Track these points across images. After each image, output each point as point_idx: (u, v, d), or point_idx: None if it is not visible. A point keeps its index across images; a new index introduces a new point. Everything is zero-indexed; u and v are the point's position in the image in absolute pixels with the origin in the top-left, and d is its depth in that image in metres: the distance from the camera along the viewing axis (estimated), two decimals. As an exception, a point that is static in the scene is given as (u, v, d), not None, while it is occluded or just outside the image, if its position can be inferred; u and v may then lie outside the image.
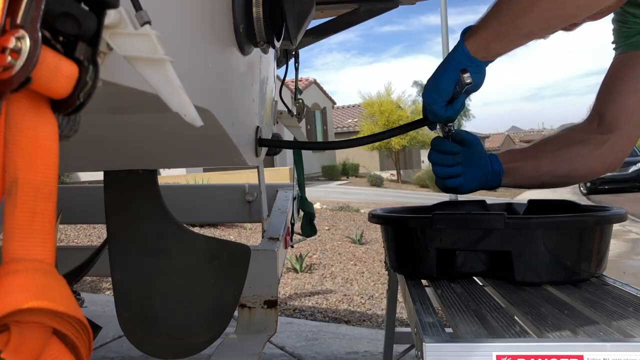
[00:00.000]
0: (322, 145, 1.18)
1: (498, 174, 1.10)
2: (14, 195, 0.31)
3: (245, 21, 0.85)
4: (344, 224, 6.39)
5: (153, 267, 1.11)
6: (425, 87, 1.00)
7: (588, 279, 0.94)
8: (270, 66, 1.34)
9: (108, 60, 0.40)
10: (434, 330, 0.65)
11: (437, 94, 0.97)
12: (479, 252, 0.93)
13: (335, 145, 1.20)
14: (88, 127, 0.61)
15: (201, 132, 0.58)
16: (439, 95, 0.97)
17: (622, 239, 5.96)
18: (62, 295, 0.32)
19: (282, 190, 1.74)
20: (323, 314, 3.03)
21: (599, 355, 0.56)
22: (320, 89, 20.64)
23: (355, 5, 1.88)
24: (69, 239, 4.87)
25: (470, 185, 1.08)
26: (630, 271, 4.34)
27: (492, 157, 1.12)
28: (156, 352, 1.11)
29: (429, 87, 0.99)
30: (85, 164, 1.21)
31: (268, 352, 2.07)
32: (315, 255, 4.69)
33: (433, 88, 0.98)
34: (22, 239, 0.32)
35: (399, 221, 1.05)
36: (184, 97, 0.39)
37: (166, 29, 0.52)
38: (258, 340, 1.15)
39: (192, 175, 8.77)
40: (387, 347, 1.48)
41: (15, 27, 0.31)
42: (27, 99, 0.32)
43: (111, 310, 1.16)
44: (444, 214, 0.93)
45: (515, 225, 0.90)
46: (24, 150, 0.32)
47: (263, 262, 1.21)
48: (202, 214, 1.81)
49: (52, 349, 0.32)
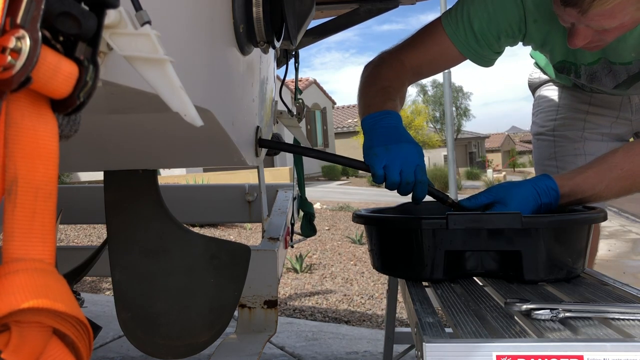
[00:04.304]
0: (318, 155, 1.17)
1: (551, 190, 1.04)
2: (14, 195, 0.31)
3: (245, 21, 0.85)
4: (344, 224, 6.39)
5: (153, 267, 1.11)
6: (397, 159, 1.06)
7: (579, 275, 0.97)
8: (270, 66, 1.34)
9: (108, 60, 0.40)
10: (434, 330, 0.65)
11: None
12: (489, 252, 0.94)
13: (332, 158, 1.18)
14: (88, 127, 0.61)
15: (201, 132, 0.58)
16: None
17: (622, 239, 5.96)
18: (62, 295, 0.32)
19: (282, 191, 1.74)
20: (323, 314, 3.03)
21: (599, 355, 0.56)
22: (320, 89, 20.64)
23: (355, 5, 1.88)
24: (69, 239, 4.87)
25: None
26: (630, 271, 4.34)
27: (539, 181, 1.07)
28: (156, 352, 1.11)
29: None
30: (85, 164, 1.21)
31: (268, 352, 2.07)
32: (315, 255, 4.69)
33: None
34: (22, 239, 0.32)
35: (400, 223, 1.04)
36: (184, 97, 0.39)
37: (166, 29, 0.52)
38: (258, 340, 1.15)
39: (192, 175, 8.77)
40: (387, 347, 1.48)
41: (15, 27, 0.31)
42: (27, 98, 0.32)
43: (111, 310, 1.16)
44: (459, 215, 0.93)
45: (528, 224, 0.91)
46: (24, 150, 0.32)
47: (263, 262, 1.21)
48: (202, 214, 1.81)
49: (52, 348, 0.32)
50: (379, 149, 1.06)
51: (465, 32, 1.18)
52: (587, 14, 0.95)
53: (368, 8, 1.88)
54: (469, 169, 24.28)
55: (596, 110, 1.47)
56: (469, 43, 1.19)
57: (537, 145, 1.59)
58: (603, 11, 0.94)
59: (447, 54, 1.22)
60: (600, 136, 1.47)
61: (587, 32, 1.02)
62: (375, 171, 1.05)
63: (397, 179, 1.04)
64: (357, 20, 1.91)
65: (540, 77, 1.61)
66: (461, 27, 1.18)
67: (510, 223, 0.90)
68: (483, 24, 1.16)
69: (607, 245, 5.44)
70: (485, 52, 1.21)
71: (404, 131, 1.09)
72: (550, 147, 1.51)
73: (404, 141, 1.07)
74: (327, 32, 1.96)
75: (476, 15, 1.16)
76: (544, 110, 1.57)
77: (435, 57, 1.24)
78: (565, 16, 1.01)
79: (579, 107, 1.49)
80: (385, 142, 1.06)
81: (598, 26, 0.99)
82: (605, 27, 0.98)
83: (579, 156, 1.44)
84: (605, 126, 1.47)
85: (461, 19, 1.18)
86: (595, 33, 1.01)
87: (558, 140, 1.50)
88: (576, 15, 0.97)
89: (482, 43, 1.19)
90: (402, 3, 1.89)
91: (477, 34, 1.17)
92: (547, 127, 1.54)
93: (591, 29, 1.00)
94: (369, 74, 1.23)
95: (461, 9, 1.18)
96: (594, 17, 0.96)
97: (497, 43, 1.20)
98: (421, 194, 1.07)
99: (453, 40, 1.19)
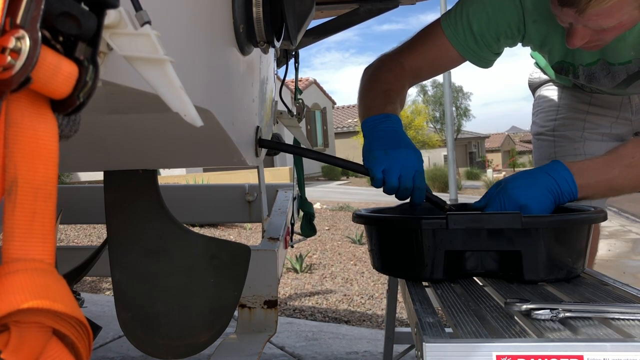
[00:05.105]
0: (319, 157, 1.17)
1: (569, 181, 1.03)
2: (14, 195, 0.31)
3: (245, 21, 0.85)
4: (344, 224, 6.39)
5: (153, 267, 1.11)
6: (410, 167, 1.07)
7: (579, 275, 0.97)
8: (270, 66, 1.34)
9: (108, 60, 0.40)
10: (434, 330, 0.65)
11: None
12: (489, 252, 0.94)
13: (332, 160, 1.18)
14: (88, 127, 0.61)
15: (201, 132, 0.58)
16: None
17: (622, 239, 5.96)
18: (62, 295, 0.32)
19: (282, 190, 1.74)
20: (323, 314, 3.03)
21: (599, 355, 0.56)
22: (320, 89, 20.64)
23: (355, 5, 1.88)
24: (69, 239, 4.87)
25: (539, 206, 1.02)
26: (630, 271, 4.34)
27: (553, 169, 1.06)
28: (156, 352, 1.11)
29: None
30: (85, 164, 1.21)
31: (268, 352, 2.07)
32: (315, 255, 4.69)
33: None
34: (22, 239, 0.32)
35: (400, 223, 1.04)
36: (184, 97, 0.39)
37: (166, 29, 0.52)
38: (258, 340, 1.15)
39: (192, 175, 8.77)
40: (387, 347, 1.48)
41: (15, 27, 0.31)
42: (27, 99, 0.32)
43: (111, 310, 1.16)
44: (459, 215, 0.93)
45: (527, 224, 0.91)
46: (24, 150, 0.32)
47: (263, 262, 1.21)
48: (202, 214, 1.81)
49: (52, 349, 0.32)
50: (378, 153, 1.06)
51: (465, 33, 1.18)
52: (585, 14, 0.95)
53: (368, 8, 1.88)
54: (469, 169, 24.28)
55: (596, 111, 1.47)
56: (468, 45, 1.19)
57: (537, 145, 1.59)
58: (601, 11, 0.94)
59: (447, 55, 1.22)
60: (600, 136, 1.47)
61: (585, 31, 1.02)
62: (374, 174, 1.05)
63: (395, 184, 1.04)
64: (357, 20, 1.91)
65: (540, 77, 1.61)
66: (460, 28, 1.18)
67: (510, 223, 0.90)
68: (482, 26, 1.16)
69: (607, 245, 5.44)
70: (485, 53, 1.21)
71: (404, 135, 1.09)
72: (550, 147, 1.52)
73: (404, 146, 1.07)
74: (327, 32, 1.96)
75: (475, 16, 1.16)
76: (544, 110, 1.57)
77: (434, 59, 1.25)
78: (563, 16, 1.01)
79: (579, 107, 1.49)
80: (385, 146, 1.06)
81: (596, 26, 0.98)
82: (604, 26, 0.98)
83: (579, 156, 1.44)
84: (605, 126, 1.47)
85: (460, 20, 1.18)
86: (593, 32, 1.01)
87: (558, 140, 1.50)
88: (574, 15, 0.97)
89: (482, 44, 1.19)
90: (402, 3, 1.89)
91: (476, 35, 1.17)
92: (547, 127, 1.54)
93: (589, 28, 1.00)
94: (368, 77, 1.24)
95: (460, 11, 1.18)
96: (592, 16, 0.96)
97: (497, 44, 1.20)
98: (419, 199, 1.08)
99: (452, 42, 1.19)
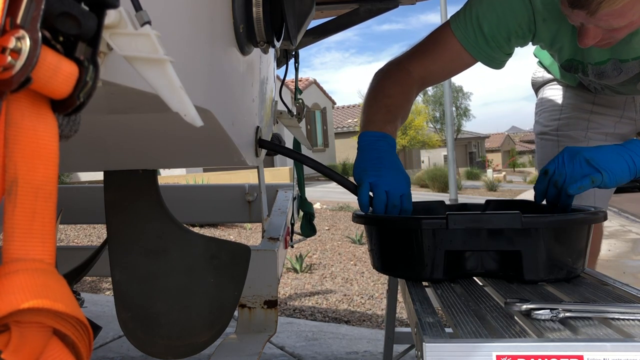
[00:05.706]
0: (316, 166, 1.19)
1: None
2: (14, 195, 0.31)
3: (245, 21, 0.85)
4: (344, 224, 6.39)
5: (153, 267, 1.11)
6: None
7: (579, 275, 0.97)
8: (270, 66, 1.34)
9: (108, 60, 0.40)
10: (434, 330, 0.65)
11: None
12: (489, 252, 0.94)
13: (328, 172, 1.20)
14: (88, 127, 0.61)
15: (201, 132, 0.58)
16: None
17: (622, 239, 5.96)
18: (62, 295, 0.32)
19: (282, 190, 1.74)
20: (323, 314, 3.03)
21: (599, 355, 0.56)
22: (320, 89, 20.64)
23: (355, 5, 1.88)
24: (69, 239, 4.87)
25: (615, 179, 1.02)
26: (630, 271, 4.34)
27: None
28: (156, 352, 1.11)
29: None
30: (85, 164, 1.21)
31: (268, 352, 2.07)
32: (315, 255, 4.69)
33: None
34: (22, 239, 0.32)
35: (400, 223, 1.04)
36: (184, 97, 0.39)
37: (166, 29, 0.52)
38: (258, 340, 1.15)
39: (192, 175, 8.77)
40: (387, 347, 1.48)
41: (15, 27, 0.31)
42: (27, 99, 0.32)
43: (111, 310, 1.16)
44: (459, 215, 0.93)
45: (527, 224, 0.91)
46: (24, 150, 0.32)
47: (263, 262, 1.21)
48: (202, 214, 1.81)
49: (52, 349, 0.32)
50: (370, 173, 1.08)
51: (476, 34, 1.17)
52: (596, 15, 0.95)
53: (368, 8, 1.88)
54: (469, 169, 24.28)
55: (600, 110, 1.47)
56: (479, 46, 1.18)
57: (540, 144, 1.59)
58: (612, 11, 0.94)
59: (458, 58, 1.21)
60: (603, 136, 1.47)
61: (596, 31, 1.02)
62: (362, 189, 1.08)
63: (382, 206, 1.07)
64: (357, 20, 1.91)
65: (544, 76, 1.61)
66: (471, 30, 1.17)
67: (510, 223, 0.90)
68: (493, 26, 1.16)
69: (607, 245, 5.44)
70: (497, 54, 1.20)
71: (396, 158, 1.12)
72: (553, 147, 1.51)
73: (394, 168, 1.10)
74: (327, 32, 1.96)
75: (485, 17, 1.16)
76: (548, 109, 1.57)
77: (446, 62, 1.24)
78: (573, 17, 1.01)
79: (582, 107, 1.49)
80: (376, 166, 1.09)
81: (607, 25, 0.98)
82: (615, 26, 0.98)
83: None
84: (609, 126, 1.47)
85: (470, 22, 1.17)
86: (605, 32, 1.01)
87: (562, 140, 1.50)
88: (585, 17, 0.97)
89: (493, 45, 1.18)
90: (402, 3, 1.89)
91: (487, 36, 1.17)
92: (551, 126, 1.54)
93: (601, 28, 1.00)
94: (374, 86, 1.23)
95: (469, 12, 1.18)
96: (603, 17, 0.96)
97: (508, 44, 1.19)
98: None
99: (464, 44, 1.18)
